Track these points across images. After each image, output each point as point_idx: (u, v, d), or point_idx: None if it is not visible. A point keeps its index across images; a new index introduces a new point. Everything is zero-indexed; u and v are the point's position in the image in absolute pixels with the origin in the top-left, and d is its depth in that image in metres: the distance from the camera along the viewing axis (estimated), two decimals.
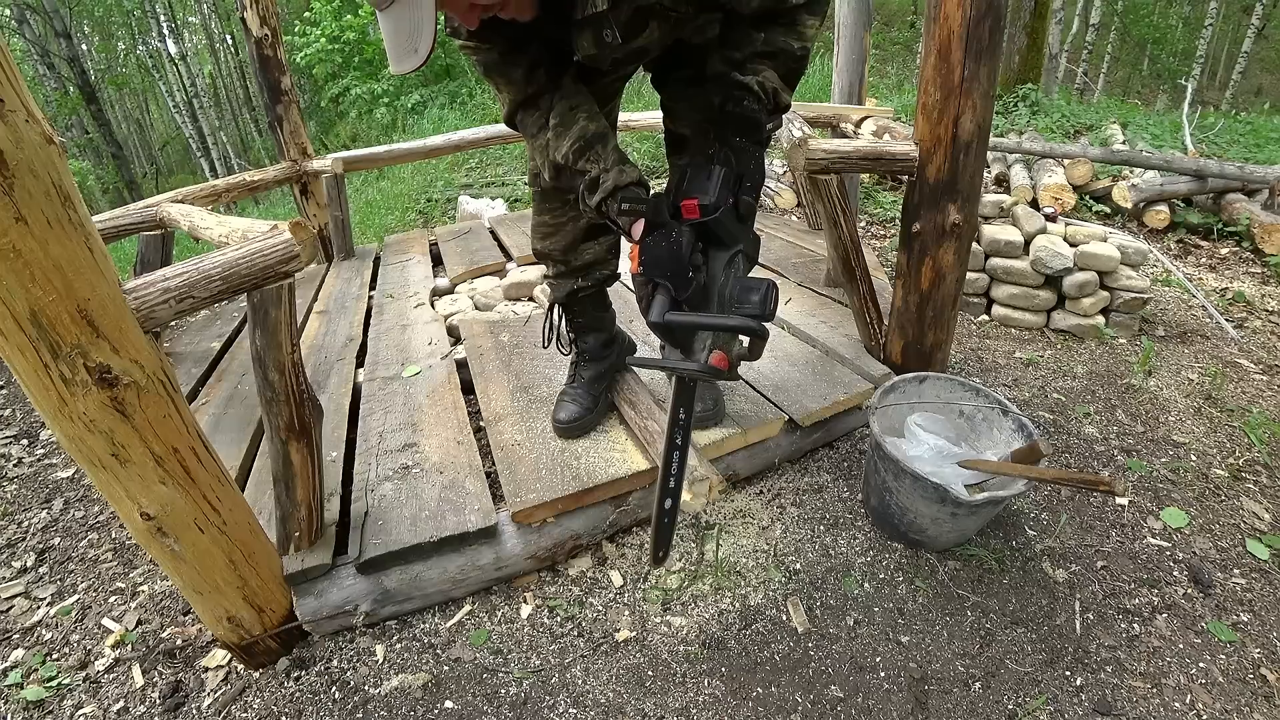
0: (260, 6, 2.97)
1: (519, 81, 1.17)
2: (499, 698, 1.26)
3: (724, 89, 1.15)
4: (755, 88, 1.13)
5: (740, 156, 1.12)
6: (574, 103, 1.18)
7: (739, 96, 1.13)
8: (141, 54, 16.74)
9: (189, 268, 1.05)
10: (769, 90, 1.14)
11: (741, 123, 1.13)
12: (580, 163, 1.16)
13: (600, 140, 1.17)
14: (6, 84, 0.80)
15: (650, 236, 1.06)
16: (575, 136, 1.16)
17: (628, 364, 1.70)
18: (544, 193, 1.50)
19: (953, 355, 2.34)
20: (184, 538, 1.13)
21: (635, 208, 1.10)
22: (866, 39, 2.94)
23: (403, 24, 0.81)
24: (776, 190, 4.00)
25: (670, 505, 1.18)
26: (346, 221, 3.48)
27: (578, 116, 1.17)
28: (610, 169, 1.14)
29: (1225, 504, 1.69)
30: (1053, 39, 9.15)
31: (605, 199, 1.13)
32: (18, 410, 2.54)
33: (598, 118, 1.19)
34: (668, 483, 1.16)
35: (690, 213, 1.07)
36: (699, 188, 1.08)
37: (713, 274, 1.10)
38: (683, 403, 1.14)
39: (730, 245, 1.11)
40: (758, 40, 1.13)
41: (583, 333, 1.67)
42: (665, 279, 1.04)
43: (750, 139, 1.14)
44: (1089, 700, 1.22)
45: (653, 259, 1.05)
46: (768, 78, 1.14)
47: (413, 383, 2.01)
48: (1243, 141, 4.52)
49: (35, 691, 1.35)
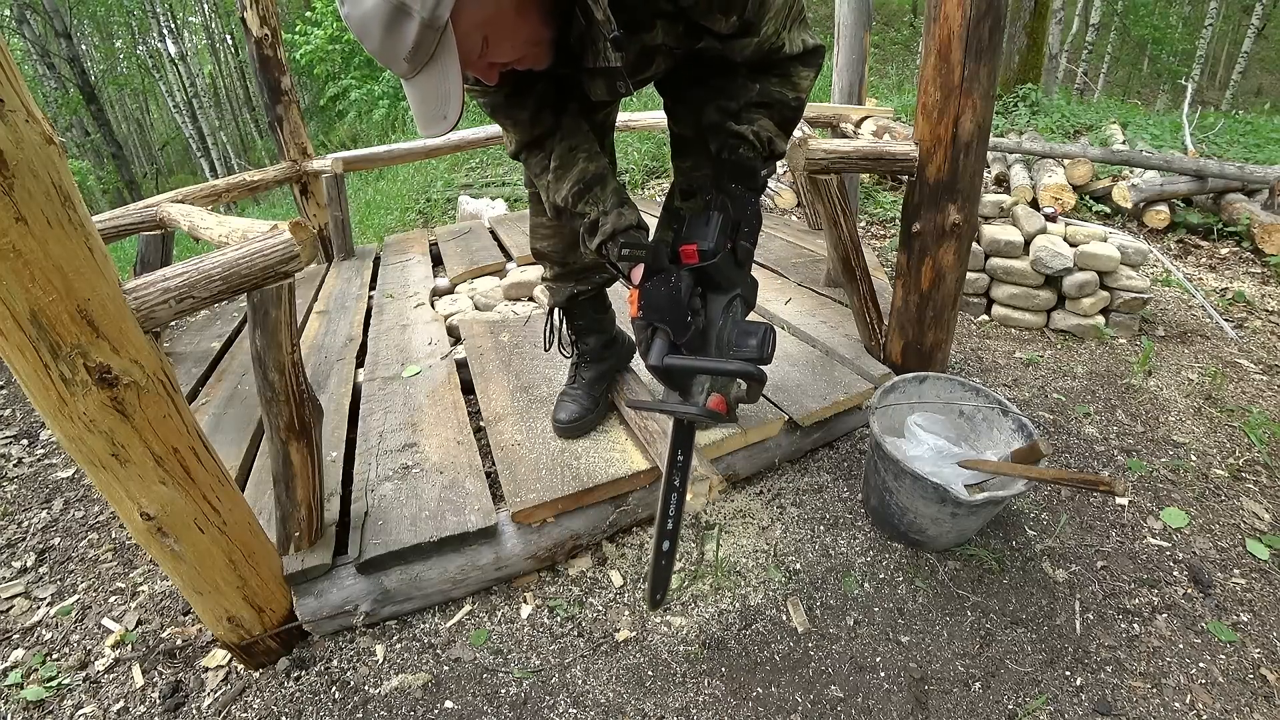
0: (260, 6, 2.98)
1: (525, 124, 1.18)
2: (499, 698, 1.26)
3: (720, 138, 1.17)
4: (750, 137, 1.14)
5: (737, 203, 1.14)
6: (573, 143, 1.19)
7: (734, 145, 1.15)
8: (141, 54, 16.75)
9: (189, 268, 1.05)
10: (764, 139, 1.16)
11: (737, 170, 1.15)
12: (580, 205, 1.17)
13: (599, 182, 1.18)
14: (6, 84, 0.80)
15: (650, 281, 1.08)
16: (575, 179, 1.17)
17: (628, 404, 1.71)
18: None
19: (953, 355, 2.34)
20: (184, 538, 1.13)
21: (635, 254, 1.11)
22: (866, 39, 2.95)
23: (429, 93, 0.82)
24: (776, 190, 4.00)
25: (669, 547, 1.18)
26: (346, 221, 3.48)
27: (577, 158, 1.18)
28: (609, 211, 1.16)
29: (1225, 504, 1.69)
30: (1053, 39, 9.15)
31: (605, 242, 1.15)
32: (18, 410, 2.54)
33: (597, 158, 1.20)
34: (665, 524, 1.16)
35: (689, 258, 1.08)
36: (698, 233, 1.09)
37: (711, 318, 1.11)
38: (681, 444, 1.15)
39: (728, 290, 1.13)
40: (753, 91, 1.15)
41: (583, 335, 1.67)
42: (664, 323, 1.05)
43: (746, 186, 1.16)
44: (1089, 700, 1.22)
45: (652, 304, 1.06)
46: (763, 126, 1.15)
47: (413, 383, 2.01)
48: (1243, 141, 4.52)
49: (35, 691, 1.35)
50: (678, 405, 1.08)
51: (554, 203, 1.21)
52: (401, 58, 0.78)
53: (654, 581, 1.20)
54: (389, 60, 0.80)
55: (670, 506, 1.15)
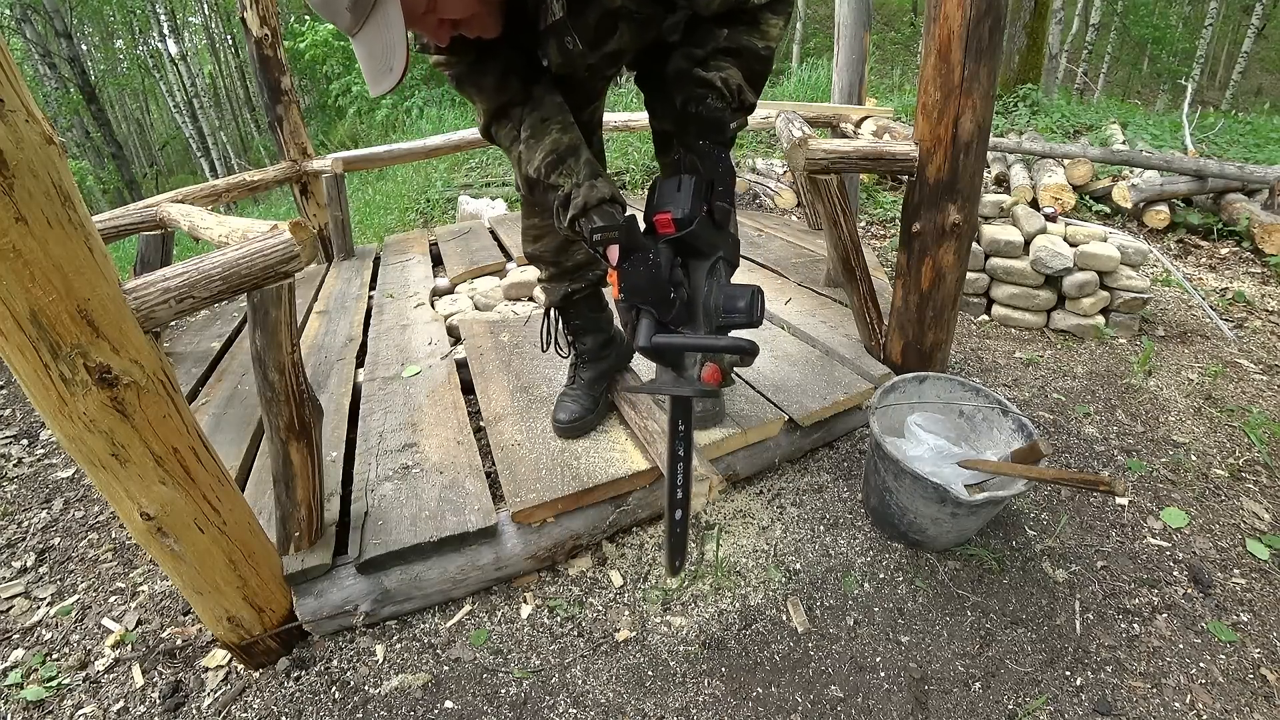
0: (260, 6, 2.98)
1: (490, 90, 1.14)
2: (499, 698, 1.26)
3: (686, 87, 1.12)
4: (719, 84, 1.09)
5: (707, 161, 1.09)
6: (545, 114, 1.15)
7: (701, 95, 1.09)
8: (142, 54, 16.75)
9: (189, 268, 1.05)
10: (733, 88, 1.10)
11: (704, 124, 1.10)
12: (553, 176, 1.13)
13: (572, 153, 1.14)
14: (6, 84, 0.80)
15: (628, 262, 1.03)
16: (548, 150, 1.13)
17: (621, 390, 1.70)
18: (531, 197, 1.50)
19: (953, 355, 2.34)
20: (184, 538, 1.13)
21: (608, 236, 1.06)
22: (866, 39, 2.95)
23: (375, 46, 0.81)
24: (776, 190, 4.00)
25: (681, 516, 1.18)
26: (346, 221, 3.48)
27: (550, 128, 1.14)
28: (582, 184, 1.11)
29: (1225, 504, 1.69)
30: (1053, 39, 9.15)
31: (578, 217, 1.10)
32: (18, 410, 2.54)
33: (571, 129, 1.16)
34: (675, 494, 1.16)
35: (665, 227, 1.04)
36: (670, 200, 1.05)
37: (695, 285, 1.08)
38: (680, 414, 1.14)
39: (709, 254, 1.09)
40: (720, 36, 1.10)
41: (580, 334, 1.66)
42: (647, 304, 1.02)
43: (714, 140, 1.11)
44: (1089, 700, 1.22)
45: (633, 286, 1.03)
46: (731, 75, 1.10)
47: (413, 383, 2.01)
48: (1243, 141, 4.52)
49: (35, 691, 1.35)
50: (674, 386, 1.05)
51: (526, 175, 1.16)
52: (344, 8, 0.78)
53: (671, 550, 1.21)
54: (332, 13, 0.79)
55: (677, 476, 1.15)
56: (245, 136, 18.47)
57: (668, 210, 1.04)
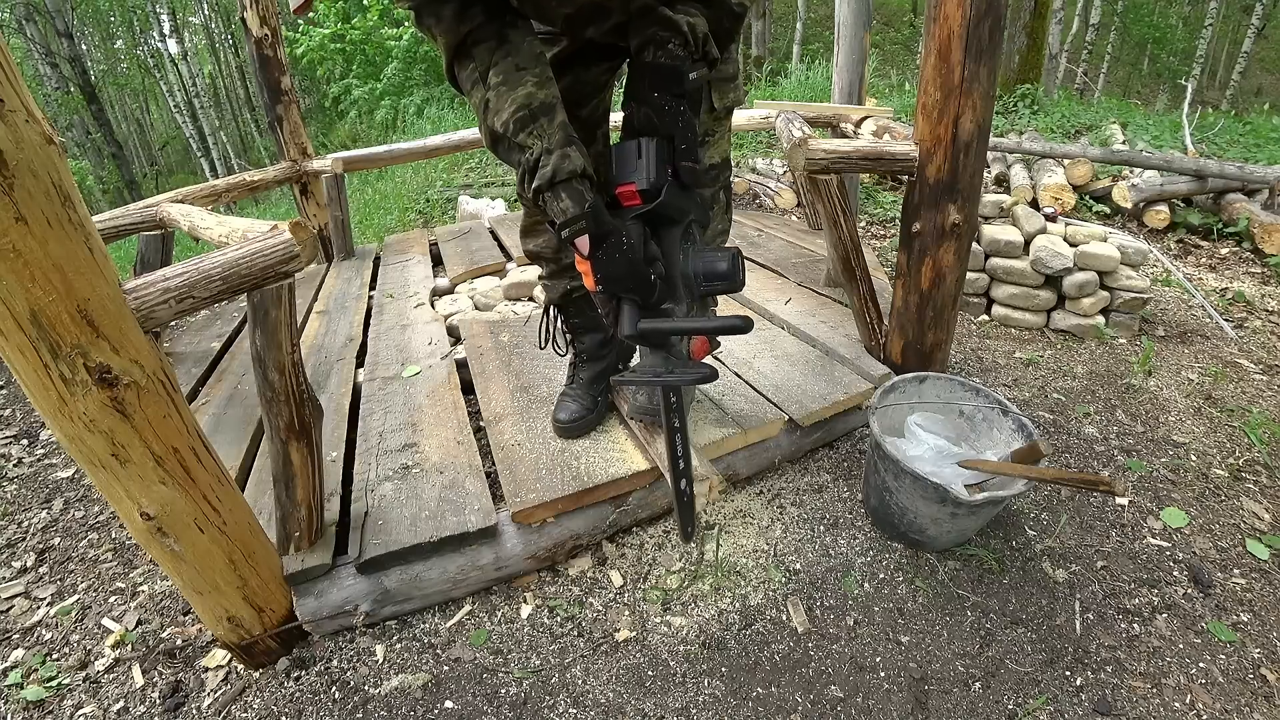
0: (260, 6, 2.98)
1: (449, 20, 1.01)
2: (499, 698, 1.26)
3: (646, 28, 1.01)
4: (684, 27, 1.00)
5: (665, 116, 0.99)
6: (521, 62, 1.03)
7: (663, 39, 1.00)
8: (142, 54, 16.76)
9: (189, 268, 1.05)
10: (699, 35, 1.01)
11: (658, 74, 1.00)
12: (521, 135, 1.01)
13: (546, 112, 1.02)
14: (6, 84, 0.80)
15: (600, 250, 0.96)
16: (520, 103, 1.01)
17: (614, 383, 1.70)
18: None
19: (953, 355, 2.34)
20: (184, 538, 1.13)
21: (576, 230, 0.97)
22: (866, 39, 2.94)
23: None
24: (776, 190, 4.00)
25: (686, 485, 1.19)
26: (346, 221, 3.48)
27: (524, 79, 1.02)
28: (553, 150, 1.00)
29: (1225, 504, 1.69)
30: (1053, 39, 9.15)
31: (543, 189, 1.00)
32: (18, 410, 2.54)
33: (549, 84, 1.04)
34: (677, 465, 1.16)
35: (630, 199, 0.97)
36: (631, 169, 0.97)
37: (670, 255, 1.02)
38: (672, 388, 1.13)
39: (680, 219, 1.02)
40: None
41: (579, 333, 1.66)
42: (628, 292, 0.97)
43: (670, 92, 1.00)
44: (1089, 700, 1.22)
45: (609, 275, 0.96)
46: (699, 23, 1.02)
47: (413, 383, 2.01)
48: (1243, 141, 4.52)
49: (35, 691, 1.35)
50: (667, 375, 1.00)
51: (491, 127, 1.04)
52: None
53: (681, 519, 1.23)
54: None
55: (677, 448, 1.14)
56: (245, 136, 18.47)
57: (631, 181, 0.97)
